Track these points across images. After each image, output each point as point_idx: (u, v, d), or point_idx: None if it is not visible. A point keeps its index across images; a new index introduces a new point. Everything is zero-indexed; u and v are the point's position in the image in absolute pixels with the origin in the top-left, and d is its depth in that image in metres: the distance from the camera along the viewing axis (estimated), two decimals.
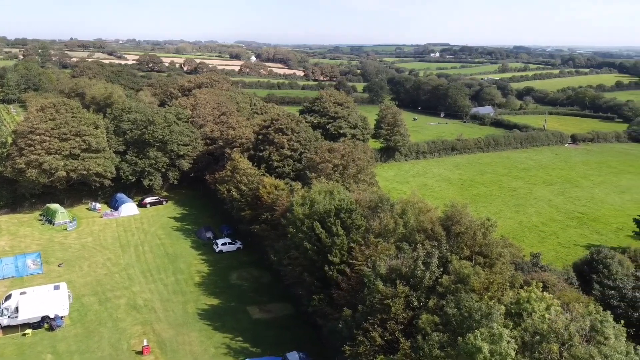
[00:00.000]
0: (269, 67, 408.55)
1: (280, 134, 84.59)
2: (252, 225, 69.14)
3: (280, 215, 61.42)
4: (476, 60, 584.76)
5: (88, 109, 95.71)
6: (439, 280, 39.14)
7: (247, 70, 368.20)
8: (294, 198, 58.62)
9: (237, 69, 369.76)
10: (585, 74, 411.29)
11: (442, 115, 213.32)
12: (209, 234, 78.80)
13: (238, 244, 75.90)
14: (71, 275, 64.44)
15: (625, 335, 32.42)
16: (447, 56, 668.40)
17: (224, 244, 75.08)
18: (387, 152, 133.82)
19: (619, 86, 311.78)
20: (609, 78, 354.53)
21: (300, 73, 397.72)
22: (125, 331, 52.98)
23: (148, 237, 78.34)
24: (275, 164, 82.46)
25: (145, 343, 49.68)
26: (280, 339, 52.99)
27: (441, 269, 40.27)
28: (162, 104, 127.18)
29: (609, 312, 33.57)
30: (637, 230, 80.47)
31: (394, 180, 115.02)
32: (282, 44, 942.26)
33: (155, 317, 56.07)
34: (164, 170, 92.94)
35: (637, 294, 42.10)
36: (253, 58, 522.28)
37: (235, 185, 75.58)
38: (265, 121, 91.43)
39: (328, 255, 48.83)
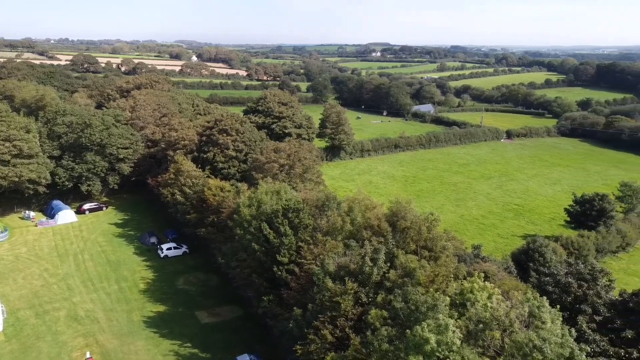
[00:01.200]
0: (211, 67, 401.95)
1: (225, 134, 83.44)
2: (198, 229, 67.94)
3: (227, 217, 60.65)
4: (416, 59, 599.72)
5: (18, 112, 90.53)
6: (387, 275, 39.92)
7: (189, 71, 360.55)
8: (241, 199, 58.07)
9: (177, 69, 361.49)
10: (518, 72, 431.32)
11: (384, 113, 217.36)
12: (153, 239, 76.60)
13: (184, 248, 74.25)
14: (4, 289, 60.80)
15: (560, 319, 34.32)
16: (388, 55, 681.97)
17: (169, 248, 73.22)
18: (333, 151, 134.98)
19: (548, 84, 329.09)
20: (539, 76, 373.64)
21: (243, 73, 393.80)
22: (66, 344, 50.61)
23: (88, 244, 75.16)
24: (220, 165, 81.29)
25: (88, 355, 47.73)
26: (231, 342, 52.37)
27: (388, 264, 41.10)
28: (99, 106, 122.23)
29: (545, 297, 35.42)
30: (568, 219, 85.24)
31: (340, 179, 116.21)
32: (224, 44, 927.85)
33: (98, 327, 53.91)
34: (103, 174, 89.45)
35: (570, 279, 44.58)
36: (194, 58, 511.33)
37: (180, 188, 73.90)
38: (208, 122, 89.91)
39: (277, 255, 48.72)
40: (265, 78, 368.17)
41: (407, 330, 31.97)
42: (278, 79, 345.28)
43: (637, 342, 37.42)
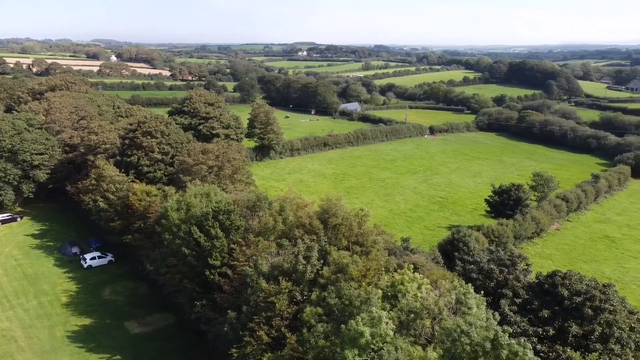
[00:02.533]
0: (132, 67, 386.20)
1: (149, 137, 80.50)
2: (124, 236, 65.16)
3: (155, 222, 58.64)
4: (341, 58, 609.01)
5: None
6: (320, 272, 40.32)
7: (108, 71, 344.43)
8: (168, 203, 56.34)
9: (96, 69, 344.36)
10: (438, 70, 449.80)
11: (313, 112, 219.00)
12: (75, 249, 72.55)
13: (109, 257, 70.97)
14: None
15: (484, 303, 36.31)
16: (314, 55, 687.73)
17: (93, 258, 69.69)
18: (262, 151, 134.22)
19: (466, 81, 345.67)
20: (458, 74, 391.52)
21: (166, 73, 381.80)
22: None
23: (1, 259, 69.82)
24: (146, 169, 78.34)
25: None
26: (164, 351, 50.74)
27: (321, 261, 41.54)
28: (8, 109, 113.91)
29: (470, 284, 37.35)
30: (488, 209, 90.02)
31: (271, 178, 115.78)
32: (145, 43, 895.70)
33: (16, 347, 50.29)
34: (15, 183, 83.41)
35: (492, 266, 47.23)
36: (113, 58, 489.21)
37: (102, 195, 70.47)
38: (131, 124, 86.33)
39: (208, 259, 47.77)
40: (190, 78, 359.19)
41: (342, 325, 32.48)
42: (203, 79, 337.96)
43: (553, 320, 40.31)
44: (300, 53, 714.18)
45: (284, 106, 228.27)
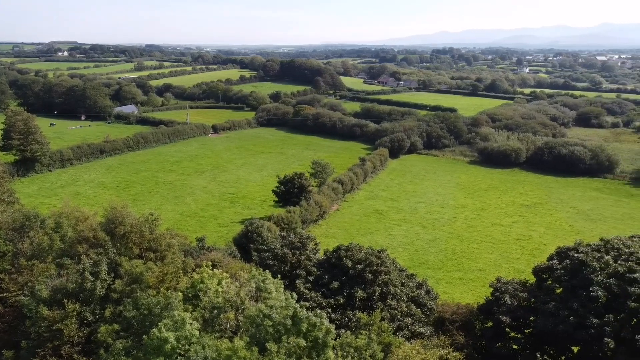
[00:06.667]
0: None
1: None
2: None
3: None
4: (110, 59, 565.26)
5: None
6: (112, 286, 37.57)
7: None
8: None
9: None
10: (215, 69, 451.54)
11: (83, 117, 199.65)
12: None
13: None
14: None
15: (282, 286, 38.49)
16: (78, 55, 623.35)
17: None
18: (25, 165, 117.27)
19: (243, 79, 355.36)
20: (234, 73, 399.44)
21: None
22: None
23: None
24: None
25: None
26: None
27: (112, 275, 38.73)
28: None
29: (267, 271, 39.16)
30: (276, 199, 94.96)
31: (39, 195, 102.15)
32: None
33: None
34: None
35: (285, 250, 50.19)
36: None
37: None
38: None
39: None
40: None
41: (144, 336, 30.91)
42: None
43: (342, 290, 44.89)
44: (60, 53, 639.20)
45: (47, 112, 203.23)
